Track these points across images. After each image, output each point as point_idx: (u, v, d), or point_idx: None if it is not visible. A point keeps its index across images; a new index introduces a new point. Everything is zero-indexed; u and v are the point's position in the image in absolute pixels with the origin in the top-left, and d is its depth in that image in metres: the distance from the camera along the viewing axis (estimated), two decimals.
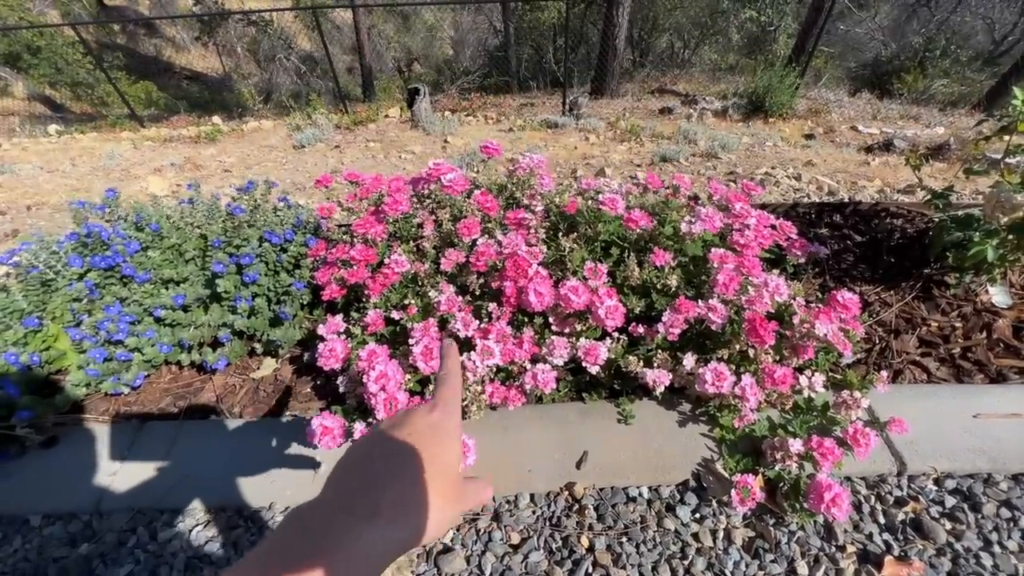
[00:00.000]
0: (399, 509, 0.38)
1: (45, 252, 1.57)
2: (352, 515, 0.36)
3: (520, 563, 1.10)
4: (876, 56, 11.28)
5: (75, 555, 1.16)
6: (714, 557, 1.10)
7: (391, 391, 1.18)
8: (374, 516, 0.36)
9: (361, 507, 0.37)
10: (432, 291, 1.42)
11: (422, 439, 0.42)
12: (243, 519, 1.22)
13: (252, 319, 1.59)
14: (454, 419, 0.46)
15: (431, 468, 0.40)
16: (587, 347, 1.27)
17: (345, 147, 5.75)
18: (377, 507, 0.37)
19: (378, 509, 0.37)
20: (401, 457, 0.40)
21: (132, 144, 6.41)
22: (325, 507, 0.37)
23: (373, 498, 0.37)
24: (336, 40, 13.61)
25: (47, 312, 1.51)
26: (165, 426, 1.44)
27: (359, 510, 0.36)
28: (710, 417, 1.33)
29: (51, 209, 4.21)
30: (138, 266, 1.58)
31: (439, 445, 0.43)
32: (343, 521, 0.35)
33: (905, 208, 2.15)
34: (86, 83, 11.85)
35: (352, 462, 0.41)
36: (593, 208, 1.55)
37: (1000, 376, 1.46)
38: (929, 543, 1.10)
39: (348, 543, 0.34)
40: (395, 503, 0.38)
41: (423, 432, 0.43)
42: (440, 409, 0.45)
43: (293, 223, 1.79)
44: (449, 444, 0.44)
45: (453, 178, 1.54)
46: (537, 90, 10.05)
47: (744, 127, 6.18)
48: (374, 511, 0.37)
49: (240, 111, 9.94)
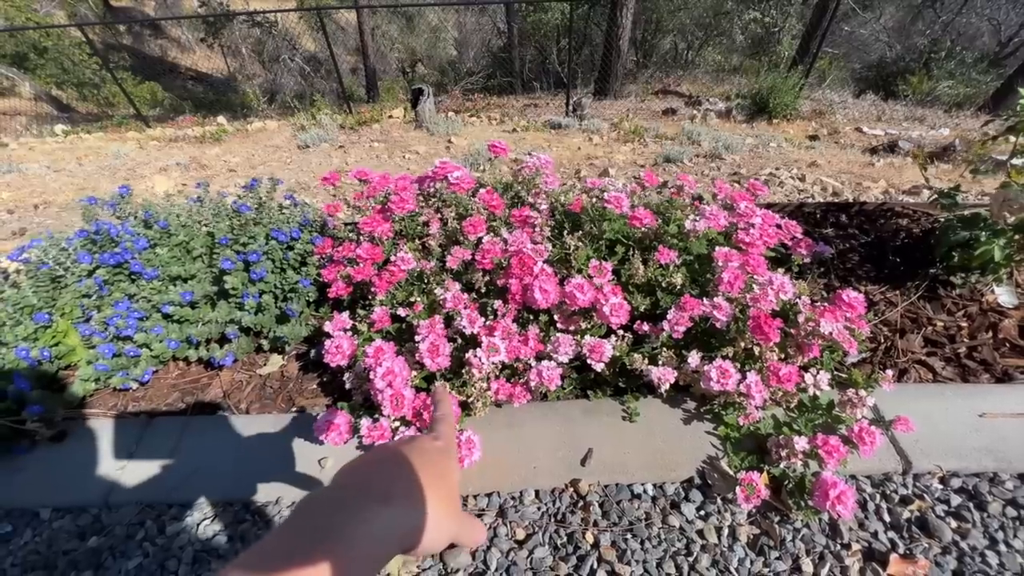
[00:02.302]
0: (409, 500, 0.40)
1: (55, 249, 1.59)
2: (366, 497, 0.38)
3: (525, 558, 1.11)
4: (881, 57, 11.24)
5: (84, 548, 1.17)
6: (719, 554, 1.10)
7: (397, 387, 1.19)
8: (388, 500, 0.38)
9: (375, 491, 0.39)
10: (438, 288, 1.43)
11: (431, 456, 0.46)
12: (250, 513, 1.23)
13: (259, 316, 1.60)
14: (454, 451, 0.51)
15: (439, 480, 0.44)
16: (592, 344, 1.27)
17: (349, 147, 5.77)
18: (390, 493, 0.39)
19: (391, 495, 0.39)
20: (411, 466, 0.44)
21: (138, 144, 6.44)
22: (340, 491, 0.40)
23: (386, 486, 0.40)
24: (340, 41, 13.65)
25: (57, 308, 1.53)
26: (172, 421, 1.45)
27: (373, 493, 0.39)
28: (715, 415, 1.34)
29: (58, 208, 4.24)
30: (146, 263, 1.60)
31: (445, 467, 0.47)
32: (356, 503, 0.37)
33: (911, 208, 2.15)
34: (92, 83, 11.92)
35: (365, 462, 0.45)
36: (598, 206, 1.56)
37: (1006, 376, 1.46)
38: (934, 541, 1.10)
39: (360, 522, 0.36)
40: (406, 493, 0.40)
41: (431, 453, 0.47)
42: (443, 441, 0.50)
43: (299, 221, 1.80)
44: (452, 469, 0.48)
45: (460, 176, 1.55)
46: (540, 91, 10.07)
47: (748, 128, 6.18)
48: (387, 495, 0.39)
49: (245, 111, 9.99)
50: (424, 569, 1.10)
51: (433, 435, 0.51)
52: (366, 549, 0.35)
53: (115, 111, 10.77)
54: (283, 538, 0.36)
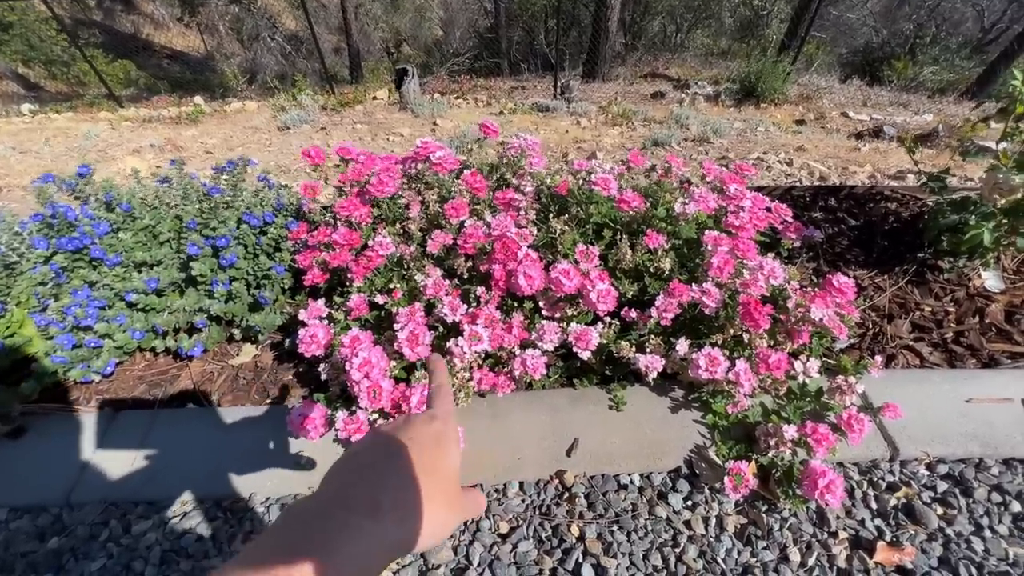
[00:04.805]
0: (400, 510, 0.37)
1: (7, 233, 1.48)
2: (352, 512, 0.35)
3: (509, 553, 1.08)
4: (867, 42, 11.22)
5: (44, 549, 1.11)
6: (706, 544, 1.08)
7: (375, 378, 1.14)
8: (375, 514, 0.35)
9: (362, 504, 0.36)
10: (418, 275, 1.37)
11: (424, 446, 0.43)
12: (222, 510, 1.18)
13: (230, 304, 1.52)
14: (453, 428, 0.47)
15: (433, 474, 0.41)
16: (578, 332, 1.23)
17: (332, 129, 5.61)
18: (378, 505, 0.36)
19: (379, 507, 0.36)
20: (403, 460, 0.40)
21: (110, 124, 6.18)
22: (325, 503, 0.37)
23: (374, 497, 0.37)
24: (322, 19, 13.20)
25: (11, 297, 1.43)
26: (139, 415, 1.39)
27: (360, 507, 0.36)
28: (703, 403, 1.31)
29: (22, 191, 4.04)
30: (108, 248, 1.50)
31: (441, 453, 0.43)
32: (343, 518, 0.34)
33: (899, 192, 2.13)
34: (61, 61, 11.37)
35: (353, 462, 0.41)
36: (585, 189, 1.51)
37: (992, 360, 1.45)
38: (921, 528, 1.10)
39: (346, 539, 0.33)
40: (396, 503, 0.37)
41: (425, 440, 0.43)
42: (440, 420, 0.47)
43: (274, 205, 1.72)
44: (449, 453, 0.44)
45: (442, 156, 1.48)
46: (528, 73, 9.88)
47: (736, 112, 6.13)
48: (375, 509, 0.36)
49: (223, 92, 9.64)
50: (404, 566, 1.06)
51: (429, 414, 0.47)
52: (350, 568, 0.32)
53: (86, 90, 10.28)
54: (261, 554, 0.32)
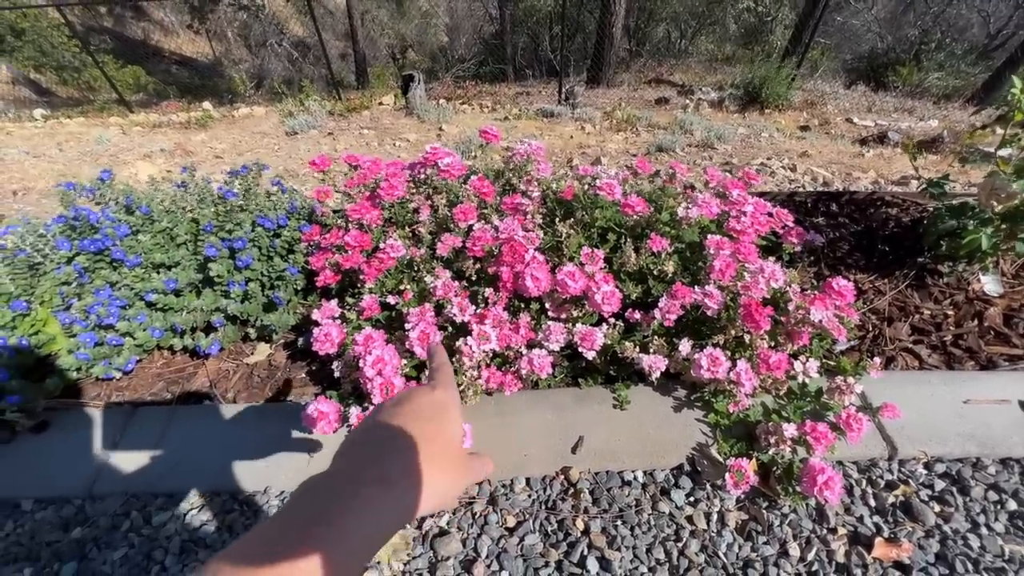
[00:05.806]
0: (406, 479, 0.39)
1: (32, 235, 1.54)
2: (361, 484, 0.37)
3: (516, 545, 1.11)
4: (872, 48, 11.25)
5: (68, 539, 1.15)
6: (708, 539, 1.11)
7: (387, 376, 1.17)
8: (382, 483, 0.38)
9: (370, 476, 0.38)
10: (428, 276, 1.41)
11: (425, 416, 0.44)
12: (238, 503, 1.22)
13: (245, 304, 1.57)
14: (454, 396, 0.48)
15: (435, 443, 0.42)
16: (583, 333, 1.27)
17: (339, 134, 5.68)
18: (386, 476, 0.38)
19: (386, 477, 0.38)
20: (405, 433, 0.42)
21: (120, 129, 6.28)
22: (335, 477, 0.39)
23: (381, 468, 0.39)
24: (329, 26, 13.37)
25: (36, 296, 1.48)
26: (158, 411, 1.43)
27: (368, 479, 0.38)
28: (705, 403, 1.34)
29: (38, 195, 4.13)
30: (128, 250, 1.56)
31: (442, 421, 0.45)
32: (352, 489, 0.37)
33: (900, 198, 2.16)
34: (72, 67, 11.57)
35: (359, 439, 0.43)
36: (590, 194, 1.55)
37: (990, 363, 1.48)
38: (918, 525, 1.12)
39: (357, 508, 0.35)
40: (403, 472, 0.39)
41: (425, 410, 0.45)
42: (441, 388, 0.48)
43: (287, 208, 1.77)
44: (451, 420, 0.46)
45: (450, 162, 1.53)
46: (533, 79, 9.96)
47: (740, 118, 6.17)
48: (382, 479, 0.38)
49: (231, 97, 9.77)
50: (414, 557, 1.10)
51: (431, 384, 0.49)
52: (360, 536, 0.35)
53: (97, 96, 10.45)
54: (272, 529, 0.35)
